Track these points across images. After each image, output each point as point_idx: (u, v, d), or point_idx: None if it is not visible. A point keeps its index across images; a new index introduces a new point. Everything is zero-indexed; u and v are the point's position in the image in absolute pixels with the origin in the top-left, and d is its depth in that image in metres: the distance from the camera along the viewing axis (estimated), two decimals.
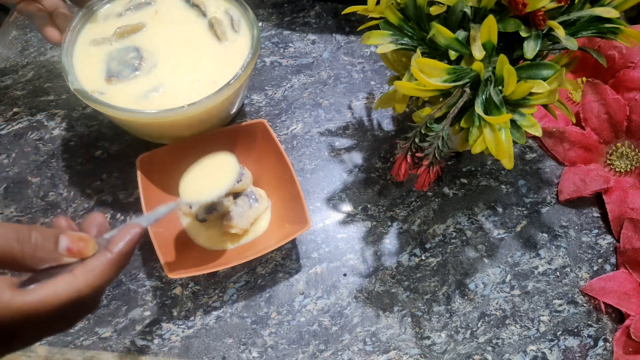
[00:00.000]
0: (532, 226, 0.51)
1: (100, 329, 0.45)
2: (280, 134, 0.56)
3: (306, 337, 0.45)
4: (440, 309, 0.47)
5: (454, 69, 0.39)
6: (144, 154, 0.47)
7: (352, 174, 0.54)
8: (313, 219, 0.51)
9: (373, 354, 0.44)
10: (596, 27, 0.40)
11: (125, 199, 0.51)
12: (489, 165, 0.55)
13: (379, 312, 0.46)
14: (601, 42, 0.55)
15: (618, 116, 0.53)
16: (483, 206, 0.52)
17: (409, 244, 0.50)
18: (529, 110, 0.39)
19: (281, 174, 0.48)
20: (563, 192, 0.53)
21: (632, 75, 0.53)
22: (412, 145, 0.40)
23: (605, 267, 0.49)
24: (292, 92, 0.59)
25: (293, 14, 0.66)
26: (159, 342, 0.44)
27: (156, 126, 0.46)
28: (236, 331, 0.45)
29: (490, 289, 0.48)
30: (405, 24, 0.41)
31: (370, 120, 0.58)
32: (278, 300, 0.47)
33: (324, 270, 0.48)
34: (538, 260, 0.50)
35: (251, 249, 0.47)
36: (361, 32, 0.62)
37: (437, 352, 0.45)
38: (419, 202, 0.52)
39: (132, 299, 0.46)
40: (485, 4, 0.38)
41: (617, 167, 0.53)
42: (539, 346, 0.45)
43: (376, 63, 0.62)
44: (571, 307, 0.47)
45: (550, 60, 0.44)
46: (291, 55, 0.62)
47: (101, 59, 0.48)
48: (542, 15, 0.37)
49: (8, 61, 0.60)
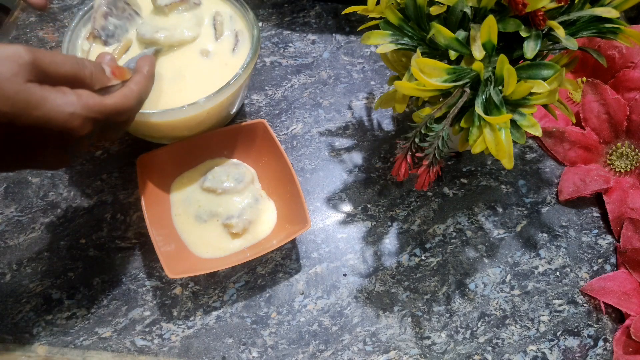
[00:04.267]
0: (532, 226, 0.51)
1: (100, 329, 0.45)
2: (280, 134, 0.56)
3: (306, 337, 0.45)
4: (440, 309, 0.47)
5: (454, 69, 0.39)
6: (144, 154, 0.48)
7: (352, 174, 0.54)
8: (313, 219, 0.51)
9: (373, 354, 0.44)
10: (596, 27, 0.40)
11: (125, 199, 0.51)
12: (489, 165, 0.55)
13: (379, 312, 0.46)
14: (601, 42, 0.55)
15: (618, 116, 0.53)
16: (483, 206, 0.52)
17: (409, 244, 0.50)
18: (529, 110, 0.39)
19: (281, 174, 0.48)
20: (563, 192, 0.53)
21: (632, 75, 0.53)
22: (412, 145, 0.40)
23: (605, 267, 0.49)
24: (292, 92, 0.59)
25: (293, 14, 0.66)
26: (159, 342, 0.44)
27: (156, 126, 0.46)
28: (236, 331, 0.45)
29: (490, 289, 0.48)
30: (405, 24, 0.41)
31: (370, 120, 0.58)
32: (278, 300, 0.47)
33: (324, 270, 0.48)
34: (538, 260, 0.50)
35: (251, 249, 0.47)
36: (361, 32, 0.62)
37: (437, 352, 0.45)
38: (419, 202, 0.52)
39: (132, 299, 0.46)
40: (485, 4, 0.38)
41: (617, 167, 0.53)
42: (539, 346, 0.45)
43: (376, 63, 0.62)
44: (571, 307, 0.47)
45: (550, 60, 0.44)
46: (291, 55, 0.62)
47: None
48: (542, 15, 0.37)
49: None
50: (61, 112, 0.31)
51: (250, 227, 0.48)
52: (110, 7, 0.47)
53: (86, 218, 0.50)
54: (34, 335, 0.44)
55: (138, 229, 0.50)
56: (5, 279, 0.47)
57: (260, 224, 0.49)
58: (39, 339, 0.44)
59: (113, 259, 0.48)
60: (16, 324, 0.45)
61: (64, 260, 0.48)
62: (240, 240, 0.48)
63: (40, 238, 0.49)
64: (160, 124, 0.45)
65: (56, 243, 0.49)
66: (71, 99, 0.31)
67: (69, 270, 0.47)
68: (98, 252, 0.48)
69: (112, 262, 0.48)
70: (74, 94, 0.32)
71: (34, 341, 0.44)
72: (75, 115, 0.31)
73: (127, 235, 0.49)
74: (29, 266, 0.47)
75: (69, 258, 0.48)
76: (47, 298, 0.46)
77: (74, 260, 0.48)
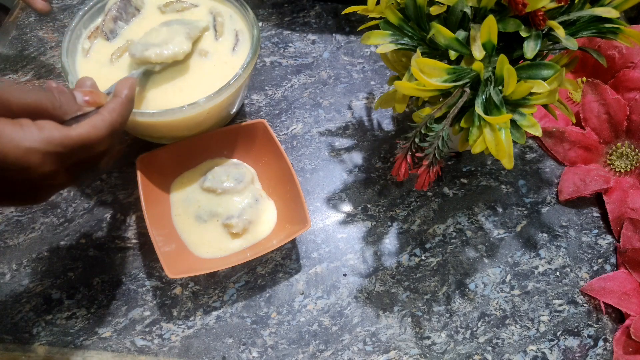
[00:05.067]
0: (532, 226, 0.51)
1: (100, 329, 0.45)
2: (280, 134, 0.56)
3: (306, 337, 0.45)
4: (440, 309, 0.47)
5: (454, 69, 0.39)
6: (144, 154, 0.48)
7: (352, 174, 0.54)
8: (313, 219, 0.51)
9: (373, 354, 0.44)
10: (596, 27, 0.40)
11: (125, 199, 0.51)
12: (489, 165, 0.55)
13: (379, 312, 0.46)
14: (601, 42, 0.55)
15: (618, 116, 0.53)
16: (483, 206, 0.52)
17: (409, 244, 0.50)
18: (529, 110, 0.39)
19: (281, 174, 0.48)
20: (563, 192, 0.53)
21: (632, 75, 0.53)
22: (412, 145, 0.40)
23: (605, 267, 0.49)
24: (292, 92, 0.59)
25: (293, 14, 0.66)
26: (159, 342, 0.44)
27: (156, 126, 0.46)
28: (236, 331, 0.45)
29: (490, 289, 0.48)
30: (405, 24, 0.41)
31: (370, 120, 0.58)
32: (278, 300, 0.47)
33: (324, 270, 0.48)
34: (538, 260, 0.50)
35: (251, 249, 0.47)
36: (361, 32, 0.62)
37: (437, 352, 0.45)
38: (419, 202, 0.52)
39: (132, 299, 0.46)
40: (485, 4, 0.38)
41: (617, 167, 0.53)
42: (539, 346, 0.45)
43: (376, 63, 0.62)
44: (571, 307, 0.47)
45: (550, 60, 0.44)
46: (291, 55, 0.62)
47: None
48: (542, 15, 0.37)
49: (8, 61, 0.60)
50: (16, 147, 0.28)
51: (250, 227, 0.48)
52: (120, 12, 0.47)
53: (86, 218, 0.50)
54: (33, 335, 0.44)
55: (138, 229, 0.50)
56: (5, 279, 0.47)
57: (260, 224, 0.49)
58: (39, 339, 0.44)
59: (113, 259, 0.48)
60: (16, 324, 0.45)
61: (64, 260, 0.48)
62: (240, 240, 0.48)
63: (40, 238, 0.49)
64: (160, 124, 0.45)
65: (56, 243, 0.49)
66: (29, 133, 0.28)
67: (69, 270, 0.47)
68: (98, 252, 0.48)
69: (112, 262, 0.48)
70: (35, 127, 0.29)
71: (34, 341, 0.44)
72: (32, 150, 0.28)
73: (127, 235, 0.49)
74: (29, 266, 0.47)
75: (69, 258, 0.48)
76: (47, 298, 0.46)
77: (74, 260, 0.48)
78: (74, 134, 0.30)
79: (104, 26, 0.47)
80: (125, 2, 0.49)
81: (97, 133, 0.32)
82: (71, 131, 0.30)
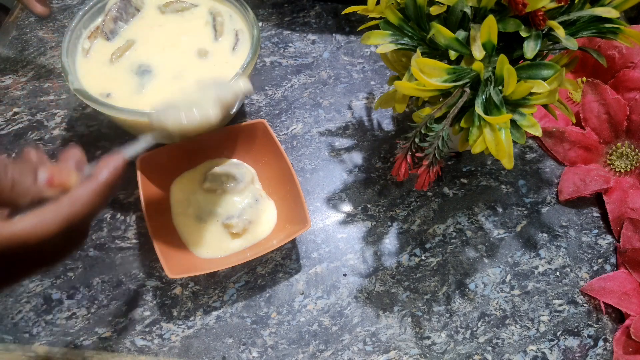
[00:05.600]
0: (532, 226, 0.51)
1: (100, 329, 0.45)
2: (280, 134, 0.56)
3: (306, 337, 0.45)
4: (440, 309, 0.47)
5: (454, 69, 0.39)
6: (144, 154, 0.47)
7: (352, 174, 0.54)
8: (313, 219, 0.51)
9: (373, 354, 0.44)
10: (596, 27, 0.40)
11: (125, 199, 0.51)
12: (489, 165, 0.55)
13: (379, 312, 0.46)
14: (601, 42, 0.55)
15: (618, 116, 0.53)
16: (483, 206, 0.52)
17: (409, 244, 0.50)
18: (529, 110, 0.39)
19: (281, 174, 0.48)
20: (563, 192, 0.53)
21: (632, 75, 0.53)
22: (412, 145, 0.40)
23: (605, 267, 0.49)
24: (292, 92, 0.59)
25: (293, 14, 0.66)
26: (159, 342, 0.44)
27: None
28: (236, 331, 0.45)
29: (490, 289, 0.48)
30: (405, 24, 0.41)
31: (370, 120, 0.58)
32: (278, 300, 0.47)
33: (324, 270, 0.48)
34: (538, 260, 0.50)
35: (251, 249, 0.47)
36: (361, 32, 0.62)
37: (437, 352, 0.45)
38: (419, 202, 0.52)
39: (132, 299, 0.46)
40: (485, 4, 0.38)
41: (617, 167, 0.53)
42: (539, 346, 0.45)
43: (376, 63, 0.62)
44: (571, 307, 0.47)
45: (550, 60, 0.44)
46: (291, 55, 0.62)
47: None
48: (542, 15, 0.37)
49: (8, 61, 0.60)
50: None
51: (250, 227, 0.48)
52: (120, 12, 0.47)
53: None
54: (34, 335, 0.44)
55: (138, 229, 0.50)
56: None
57: (260, 224, 0.49)
58: (39, 339, 0.44)
59: (113, 259, 0.48)
60: (16, 324, 0.45)
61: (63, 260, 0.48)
62: (240, 240, 0.48)
63: None
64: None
65: None
66: None
67: (69, 270, 0.47)
68: (98, 252, 0.48)
69: (112, 262, 0.48)
70: None
71: (34, 341, 0.44)
72: None
73: (127, 235, 0.49)
74: None
75: (69, 258, 0.48)
76: (47, 298, 0.46)
77: (74, 260, 0.48)
78: (6, 232, 0.23)
79: (104, 26, 0.47)
80: (125, 2, 0.49)
81: (44, 230, 0.24)
82: (4, 227, 0.24)
